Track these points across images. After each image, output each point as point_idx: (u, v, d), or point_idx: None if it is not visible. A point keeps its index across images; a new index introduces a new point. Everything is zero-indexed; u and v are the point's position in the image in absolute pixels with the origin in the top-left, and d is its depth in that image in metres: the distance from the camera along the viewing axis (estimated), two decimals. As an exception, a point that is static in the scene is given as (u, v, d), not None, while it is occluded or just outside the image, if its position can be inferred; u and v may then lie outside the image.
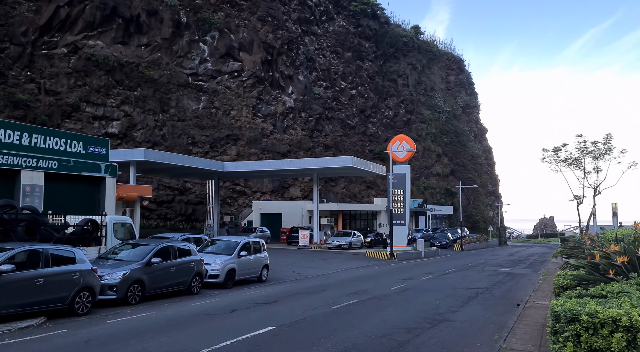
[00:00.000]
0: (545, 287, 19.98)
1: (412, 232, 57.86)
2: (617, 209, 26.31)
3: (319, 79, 61.87)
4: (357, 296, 16.76)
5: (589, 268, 9.77)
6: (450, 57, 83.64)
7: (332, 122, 62.98)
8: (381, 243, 43.70)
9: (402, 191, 39.96)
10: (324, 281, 21.31)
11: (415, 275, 24.60)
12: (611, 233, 14.18)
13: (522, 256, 46.33)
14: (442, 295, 17.57)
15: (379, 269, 27.58)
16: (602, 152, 34.20)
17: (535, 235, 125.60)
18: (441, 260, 37.18)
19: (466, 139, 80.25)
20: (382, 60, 70.98)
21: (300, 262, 29.29)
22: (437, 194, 73.55)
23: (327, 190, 60.61)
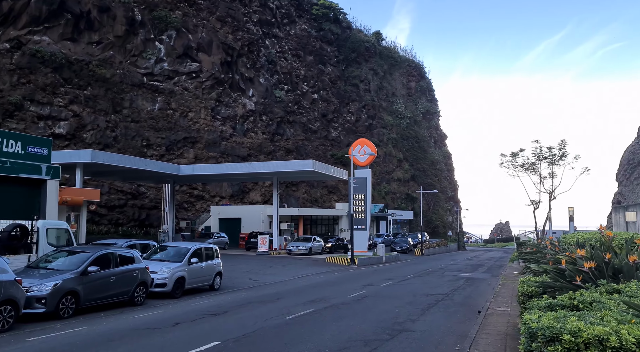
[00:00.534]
0: (504, 292, 19.65)
1: (373, 237, 57.53)
2: (573, 213, 26.67)
3: (280, 82, 60.93)
4: (313, 304, 15.86)
5: (555, 274, 9.22)
6: (411, 63, 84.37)
7: (293, 126, 62.09)
8: (342, 248, 43.04)
9: (363, 196, 39.45)
10: (280, 289, 20.32)
11: (376, 281, 23.93)
12: (572, 237, 13.85)
13: (480, 260, 46.63)
14: (402, 302, 16.90)
15: (339, 275, 26.79)
16: (557, 158, 34.77)
17: (492, 240, 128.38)
18: (402, 265, 36.79)
19: (426, 145, 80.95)
20: (344, 65, 70.73)
21: (257, 269, 28.17)
22: (398, 199, 73.71)
23: (288, 195, 59.58)
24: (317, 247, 39.88)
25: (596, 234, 12.98)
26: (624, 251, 8.62)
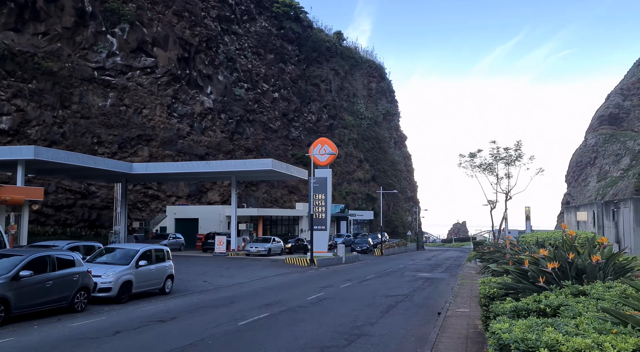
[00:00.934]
0: (463, 292, 19.51)
1: (334, 238, 57.20)
2: (530, 212, 27.07)
3: (240, 80, 59.70)
4: (269, 308, 15.13)
5: (517, 275, 8.87)
6: (371, 64, 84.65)
7: (253, 125, 60.98)
8: (302, 249, 42.38)
9: (324, 196, 38.94)
10: (236, 292, 19.47)
11: (335, 282, 23.40)
12: (531, 237, 13.70)
13: (438, 260, 47.01)
14: (361, 304, 16.41)
15: (298, 277, 26.12)
16: (513, 159, 35.38)
17: (450, 239, 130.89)
18: (362, 265, 36.49)
19: (387, 146, 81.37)
20: (305, 64, 70.11)
21: (213, 271, 27.13)
22: (358, 199, 73.72)
23: (247, 195, 58.44)
24: (277, 248, 39.08)
25: (555, 233, 12.86)
26: (586, 250, 8.36)
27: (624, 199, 23.29)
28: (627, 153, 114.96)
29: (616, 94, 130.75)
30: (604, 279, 7.84)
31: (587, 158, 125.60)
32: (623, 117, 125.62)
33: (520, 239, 14.01)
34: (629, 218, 22.17)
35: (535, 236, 13.16)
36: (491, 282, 9.98)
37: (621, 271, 7.97)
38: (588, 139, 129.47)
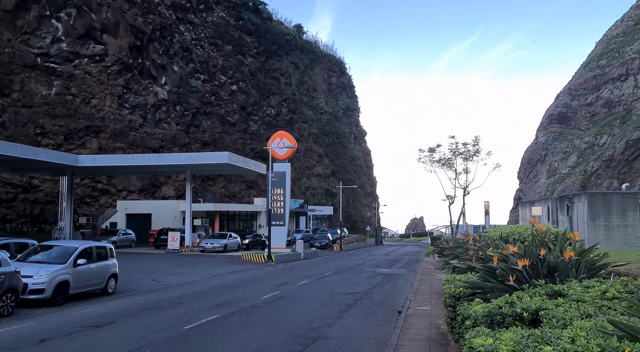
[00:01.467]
0: (423, 289, 19.01)
1: (292, 233, 56.31)
2: (489, 207, 27.07)
3: (196, 71, 57.66)
4: (220, 309, 14.06)
5: (485, 273, 8.20)
6: (332, 59, 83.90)
7: (210, 118, 59.10)
8: (260, 245, 41.24)
9: (282, 190, 37.90)
10: (186, 291, 18.25)
11: (292, 280, 22.49)
12: (494, 232, 13.20)
13: (397, 255, 46.90)
14: (319, 303, 15.57)
15: (254, 274, 25.05)
16: (471, 154, 35.46)
17: (408, 234, 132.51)
18: (320, 261, 35.75)
19: (347, 141, 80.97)
20: (264, 57, 68.57)
21: (164, 269, 25.71)
22: (318, 194, 73.04)
23: (204, 189, 56.67)
24: (233, 244, 37.80)
25: (518, 227, 12.42)
26: (557, 246, 7.79)
27: (578, 194, 23.51)
28: (574, 151, 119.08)
29: (565, 94, 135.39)
30: (577, 277, 7.27)
31: (537, 155, 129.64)
32: (571, 117, 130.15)
33: (483, 234, 13.52)
34: (583, 213, 22.34)
35: (498, 231, 12.68)
36: (456, 280, 9.32)
37: (595, 269, 7.42)
38: (539, 137, 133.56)
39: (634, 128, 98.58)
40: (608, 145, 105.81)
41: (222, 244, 35.98)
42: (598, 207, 21.75)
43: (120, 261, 28.30)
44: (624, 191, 24.68)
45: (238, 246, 38.47)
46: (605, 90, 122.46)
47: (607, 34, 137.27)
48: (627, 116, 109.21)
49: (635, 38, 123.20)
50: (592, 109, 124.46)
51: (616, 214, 21.05)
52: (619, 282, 6.00)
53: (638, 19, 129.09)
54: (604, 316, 4.90)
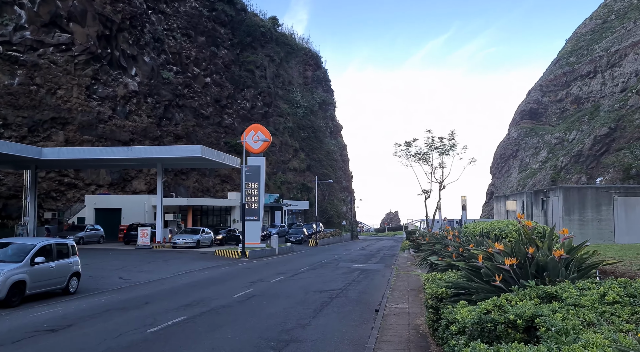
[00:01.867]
0: (400, 285, 18.57)
1: (268, 228, 55.55)
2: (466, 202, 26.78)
3: (168, 63, 56.03)
4: (188, 309, 13.28)
5: (468, 272, 7.66)
6: (307, 52, 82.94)
7: (183, 111, 57.60)
8: (234, 240, 40.26)
9: (257, 185, 37.09)
10: (154, 289, 17.37)
11: (266, 276, 21.79)
12: (474, 227, 12.75)
13: (372, 249, 46.61)
14: (293, 302, 14.93)
15: (227, 271, 24.25)
16: (447, 148, 35.29)
17: (383, 229, 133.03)
18: (295, 257, 35.12)
19: (322, 135, 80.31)
20: (239, 49, 67.18)
21: (133, 265, 24.67)
22: (293, 189, 72.29)
23: (177, 184, 55.29)
24: (206, 240, 36.80)
25: (499, 223, 12.00)
26: (546, 244, 7.30)
27: (553, 188, 23.44)
28: (544, 146, 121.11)
29: (536, 90, 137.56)
30: (567, 277, 6.78)
31: (509, 150, 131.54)
32: (542, 112, 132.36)
33: (462, 229, 13.06)
34: (558, 207, 22.28)
35: (479, 227, 12.23)
36: (437, 279, 8.77)
37: (585, 268, 6.95)
38: (511, 133, 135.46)
39: (602, 124, 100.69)
40: (577, 140, 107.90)
41: (194, 240, 34.95)
42: (573, 201, 21.69)
43: (86, 258, 27.11)
44: (597, 185, 24.80)
45: (211, 242, 37.49)
46: (574, 87, 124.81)
47: (576, 32, 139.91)
48: (595, 112, 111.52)
49: (603, 36, 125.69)
50: (562, 105, 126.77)
51: (590, 209, 21.02)
52: (617, 284, 5.51)
53: (606, 18, 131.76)
54: (608, 325, 4.37)
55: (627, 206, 21.03)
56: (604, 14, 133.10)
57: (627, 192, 21.61)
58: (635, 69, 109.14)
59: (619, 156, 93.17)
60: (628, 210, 21.26)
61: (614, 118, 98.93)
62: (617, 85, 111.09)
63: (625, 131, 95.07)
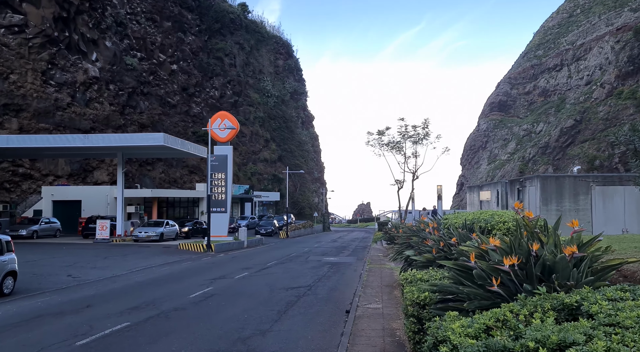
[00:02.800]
0: (373, 280, 17.22)
1: (237, 220, 53.72)
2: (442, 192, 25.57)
3: (132, 48, 53.15)
4: (134, 313, 11.58)
5: (458, 274, 6.26)
6: (278, 41, 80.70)
7: (148, 99, 54.90)
8: (201, 233, 38.32)
9: (224, 175, 35.24)
10: (102, 289, 15.56)
11: (230, 272, 20.16)
12: (455, 218, 11.41)
13: (344, 241, 45.41)
14: (256, 302, 13.38)
15: (189, 266, 22.51)
16: (421, 137, 34.12)
17: (355, 220, 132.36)
18: (265, 250, 33.54)
19: (294, 125, 78.48)
20: (207, 36, 64.53)
21: (86, 261, 22.66)
22: (264, 180, 70.42)
23: (142, 174, 52.77)
24: (171, 233, 34.79)
25: (482, 214, 10.71)
26: (551, 239, 5.95)
27: (530, 177, 22.49)
28: (513, 138, 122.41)
29: (505, 83, 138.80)
30: (581, 280, 5.42)
31: (479, 142, 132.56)
32: (510, 105, 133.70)
33: (442, 221, 11.73)
34: (535, 196, 21.34)
35: (461, 218, 10.92)
36: (418, 280, 7.35)
37: (603, 270, 5.61)
38: (480, 124, 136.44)
39: (568, 116, 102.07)
40: (544, 132, 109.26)
41: (157, 233, 32.92)
42: (550, 190, 20.76)
43: (37, 254, 24.90)
44: (575, 174, 24.03)
45: (176, 235, 35.51)
46: (542, 79, 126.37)
47: (543, 25, 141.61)
48: (561, 105, 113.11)
49: (569, 30, 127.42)
50: (530, 98, 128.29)
51: (568, 198, 20.13)
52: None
53: (572, 12, 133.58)
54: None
55: (604, 195, 20.25)
56: (570, 7, 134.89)
57: (605, 180, 20.79)
58: (599, 62, 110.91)
59: (584, 148, 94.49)
60: (606, 200, 20.51)
61: (580, 110, 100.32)
62: (583, 78, 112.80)
63: (590, 123, 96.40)
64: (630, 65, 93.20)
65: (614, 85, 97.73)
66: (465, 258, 6.36)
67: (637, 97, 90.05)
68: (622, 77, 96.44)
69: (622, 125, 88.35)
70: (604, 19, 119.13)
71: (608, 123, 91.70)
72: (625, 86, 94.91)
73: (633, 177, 17.67)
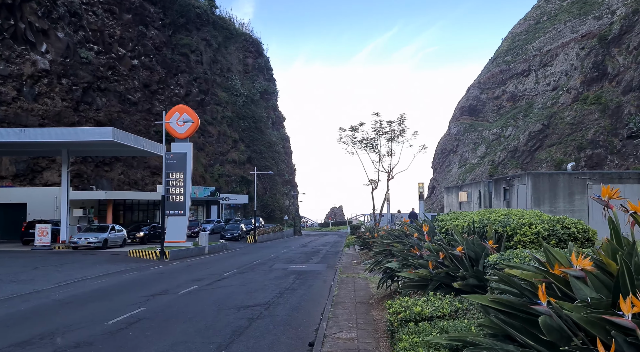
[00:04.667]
0: (345, 296, 14.17)
1: (202, 224, 50.12)
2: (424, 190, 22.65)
3: (87, 41, 48.95)
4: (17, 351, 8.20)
5: (507, 320, 3.23)
6: (248, 38, 77.17)
7: (106, 95, 50.72)
8: (159, 238, 34.66)
9: (182, 174, 31.74)
10: (5, 312, 12.03)
11: (176, 285, 16.80)
12: (455, 219, 8.45)
13: (315, 246, 42.39)
14: (194, 329, 10.15)
15: (131, 277, 19.03)
16: (397, 133, 31.36)
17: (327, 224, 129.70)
18: (227, 256, 30.19)
19: (264, 126, 75.02)
20: (171, 31, 60.64)
21: (8, 274, 18.95)
22: (232, 182, 66.76)
23: (98, 175, 48.55)
24: (117, 239, 30.99)
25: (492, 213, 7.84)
26: None
27: (519, 174, 19.94)
28: (483, 142, 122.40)
29: (475, 87, 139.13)
30: None
31: (450, 146, 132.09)
32: (480, 109, 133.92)
33: (436, 223, 8.80)
34: (525, 196, 18.80)
35: (465, 219, 7.98)
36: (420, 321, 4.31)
37: None
38: (451, 128, 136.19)
39: (535, 121, 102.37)
40: (513, 136, 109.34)
41: (100, 239, 29.12)
42: (543, 189, 18.21)
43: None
44: (569, 171, 21.71)
45: (124, 241, 31.70)
46: (510, 84, 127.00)
47: (512, 32, 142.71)
48: (529, 110, 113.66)
49: (536, 36, 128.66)
50: (499, 102, 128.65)
51: (562, 198, 17.63)
52: None
53: (538, 19, 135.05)
54: None
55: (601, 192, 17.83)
56: (537, 14, 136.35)
57: (602, 178, 18.39)
58: (565, 68, 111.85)
59: (552, 151, 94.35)
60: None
61: (547, 115, 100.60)
62: (549, 83, 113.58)
63: (557, 127, 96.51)
64: (595, 71, 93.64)
65: (579, 91, 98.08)
66: (505, 283, 3.35)
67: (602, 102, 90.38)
68: (587, 82, 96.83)
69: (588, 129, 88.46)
70: (569, 26, 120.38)
71: (574, 127, 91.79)
72: (590, 91, 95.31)
73: (634, 174, 15.23)
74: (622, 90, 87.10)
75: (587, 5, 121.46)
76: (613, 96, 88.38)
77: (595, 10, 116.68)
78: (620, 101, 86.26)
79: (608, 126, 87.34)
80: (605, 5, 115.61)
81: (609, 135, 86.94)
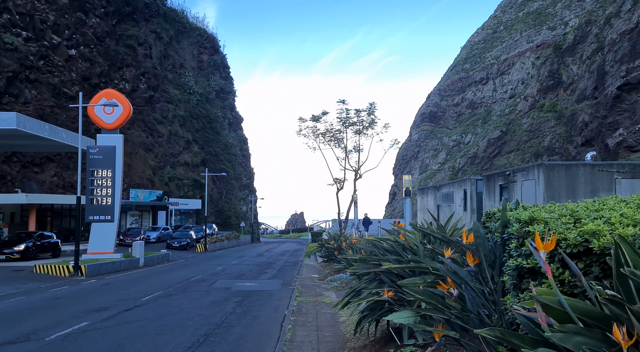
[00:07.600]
0: (303, 340, 9.13)
1: (146, 232, 44.02)
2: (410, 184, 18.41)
3: (13, 25, 42.13)
4: None
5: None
6: (203, 33, 71.36)
7: (37, 87, 43.89)
8: (49, 250, 28.14)
9: (110, 172, 25.96)
10: None
11: (57, 322, 11.30)
12: (553, 210, 3.75)
13: (272, 255, 37.17)
14: None
15: (6, 307, 13.35)
16: (365, 125, 26.72)
17: (288, 231, 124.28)
18: (164, 270, 24.63)
19: (220, 127, 69.22)
20: (115, 20, 54.27)
21: None
22: (184, 186, 60.53)
23: (26, 177, 41.62)
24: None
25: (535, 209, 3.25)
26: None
27: (524, 167, 15.64)
28: (443, 148, 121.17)
29: (435, 94, 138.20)
30: None
31: (411, 152, 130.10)
32: (440, 116, 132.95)
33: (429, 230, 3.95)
34: (534, 193, 14.53)
35: (563, 210, 3.23)
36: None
37: None
38: (412, 135, 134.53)
39: (494, 128, 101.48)
40: (472, 143, 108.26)
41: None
42: (559, 185, 13.94)
43: None
44: (589, 161, 17.71)
45: (23, 254, 25.26)
46: (469, 92, 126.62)
47: (470, 40, 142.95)
48: (487, 117, 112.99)
49: (494, 45, 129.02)
50: (458, 110, 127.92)
51: (584, 195, 13.41)
52: None
53: (495, 28, 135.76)
54: None
55: (634, 191, 13.88)
56: (494, 24, 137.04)
57: (634, 172, 14.28)
58: (521, 77, 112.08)
59: (510, 158, 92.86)
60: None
61: (505, 122, 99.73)
62: (507, 91, 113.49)
63: (514, 134, 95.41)
64: (551, 80, 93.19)
65: (536, 99, 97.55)
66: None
67: (557, 110, 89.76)
68: (544, 91, 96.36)
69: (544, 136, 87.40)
70: (525, 35, 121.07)
71: (531, 134, 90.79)
72: (546, 100, 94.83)
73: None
74: (577, 99, 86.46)
75: (542, 17, 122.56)
76: (568, 104, 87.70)
77: (550, 21, 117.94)
78: (575, 109, 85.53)
79: (563, 133, 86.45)
80: (558, 17, 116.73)
81: (564, 142, 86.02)
